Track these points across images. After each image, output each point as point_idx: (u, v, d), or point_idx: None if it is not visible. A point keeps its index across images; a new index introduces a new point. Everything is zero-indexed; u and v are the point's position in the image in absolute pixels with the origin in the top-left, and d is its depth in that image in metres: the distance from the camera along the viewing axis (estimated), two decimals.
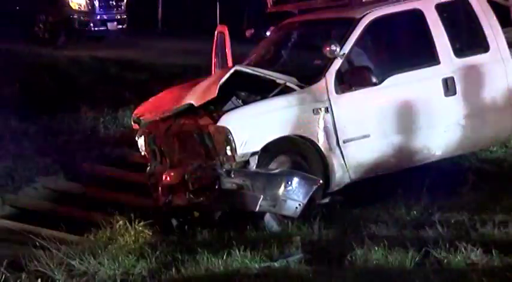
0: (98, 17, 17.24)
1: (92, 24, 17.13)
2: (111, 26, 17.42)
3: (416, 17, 8.30)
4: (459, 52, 8.32)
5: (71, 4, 16.94)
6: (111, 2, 17.55)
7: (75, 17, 16.93)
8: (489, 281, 5.06)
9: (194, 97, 7.48)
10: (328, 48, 7.61)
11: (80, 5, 17.03)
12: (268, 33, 10.70)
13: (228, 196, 7.20)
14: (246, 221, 7.21)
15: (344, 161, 7.64)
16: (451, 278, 5.21)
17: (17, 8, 16.70)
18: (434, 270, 5.36)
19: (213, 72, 8.70)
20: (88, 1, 17.12)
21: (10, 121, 11.22)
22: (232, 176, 7.15)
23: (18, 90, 12.66)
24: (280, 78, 7.71)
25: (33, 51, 15.06)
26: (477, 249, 5.59)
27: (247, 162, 7.25)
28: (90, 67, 14.44)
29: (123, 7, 17.79)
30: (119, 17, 17.62)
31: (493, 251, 5.55)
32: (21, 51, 15.08)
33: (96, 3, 17.22)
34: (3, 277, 5.96)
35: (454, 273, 5.30)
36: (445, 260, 5.55)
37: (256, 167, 7.27)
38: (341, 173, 7.67)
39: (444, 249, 5.66)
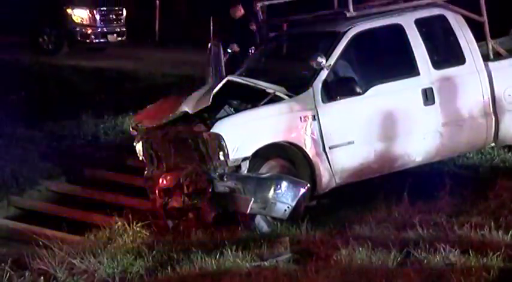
0: (99, 30, 17.17)
1: (93, 36, 17.05)
2: (111, 38, 17.36)
3: (397, 31, 8.28)
4: (437, 64, 8.30)
5: (74, 18, 16.87)
6: (111, 16, 17.49)
7: (78, 29, 16.86)
8: (466, 280, 5.01)
9: (189, 105, 7.43)
10: (314, 60, 7.58)
11: (82, 19, 16.97)
12: (229, 50, 10.74)
13: (221, 199, 7.15)
14: (237, 222, 7.16)
15: (330, 166, 7.60)
16: (431, 277, 5.17)
17: (23, 20, 16.60)
18: (415, 269, 5.31)
19: (207, 82, 8.62)
20: (90, 15, 17.06)
21: (16, 127, 11.13)
22: (225, 179, 7.10)
23: (23, 98, 12.57)
24: (270, 87, 7.68)
25: (38, 61, 14.97)
26: (455, 250, 5.55)
27: (239, 167, 7.20)
28: (91, 76, 14.35)
29: (122, 20, 17.74)
30: (118, 29, 17.57)
31: (470, 252, 5.52)
32: (26, 61, 14.99)
33: (98, 17, 17.16)
34: (8, 275, 5.89)
35: (434, 272, 5.25)
36: (425, 260, 5.51)
37: (248, 172, 7.23)
38: (327, 177, 7.62)
39: (424, 249, 5.62)
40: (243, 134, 7.26)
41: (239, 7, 11.55)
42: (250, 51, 10.93)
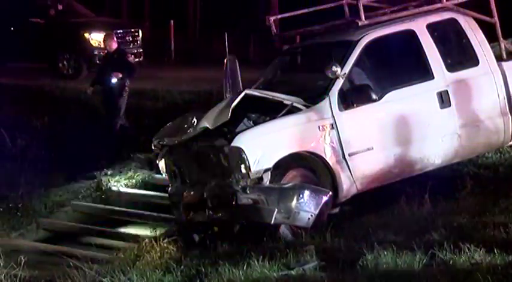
0: None
1: None
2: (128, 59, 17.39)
3: (410, 37, 8.26)
4: (451, 67, 8.27)
5: (91, 41, 16.95)
6: (127, 38, 17.55)
7: (96, 53, 16.93)
8: (493, 279, 4.97)
9: (209, 121, 7.45)
10: (330, 70, 7.57)
11: (100, 42, 17.05)
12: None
13: (244, 211, 7.14)
14: (262, 233, 7.15)
15: (350, 173, 7.58)
16: (457, 277, 5.13)
17: (42, 47, 16.74)
18: (441, 270, 5.28)
19: (224, 97, 8.64)
20: None
21: (41, 151, 11.19)
22: (248, 192, 7.10)
23: (47, 122, 12.65)
24: (287, 99, 7.68)
25: (58, 86, 15.08)
26: (480, 249, 5.52)
27: (261, 179, 7.20)
28: None
29: (139, 42, 17.79)
30: (135, 51, 17.60)
31: (495, 251, 5.48)
32: (48, 86, 15.09)
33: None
34: None
35: (460, 272, 5.22)
36: (451, 261, 5.48)
37: (270, 183, 7.22)
38: (348, 184, 7.60)
39: (449, 250, 5.59)
40: (263, 146, 7.26)
41: (113, 39, 11.55)
42: (127, 82, 11.03)
